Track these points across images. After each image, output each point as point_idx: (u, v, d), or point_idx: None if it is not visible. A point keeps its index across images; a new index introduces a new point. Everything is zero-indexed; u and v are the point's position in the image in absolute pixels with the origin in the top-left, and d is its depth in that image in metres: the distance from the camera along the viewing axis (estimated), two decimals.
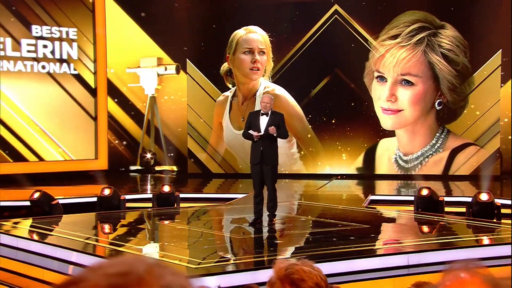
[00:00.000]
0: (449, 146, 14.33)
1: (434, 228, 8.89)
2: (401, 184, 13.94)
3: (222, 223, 9.73)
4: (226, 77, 15.36)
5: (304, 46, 15.09)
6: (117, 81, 16.49)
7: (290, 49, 15.14)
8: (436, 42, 14.00)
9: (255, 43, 14.94)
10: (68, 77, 15.43)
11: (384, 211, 10.43)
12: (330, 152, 15.07)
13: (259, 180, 8.59)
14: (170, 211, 10.44)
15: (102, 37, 15.90)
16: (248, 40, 14.96)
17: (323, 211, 10.47)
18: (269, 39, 14.98)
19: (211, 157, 15.63)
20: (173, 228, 9.10)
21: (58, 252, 7.36)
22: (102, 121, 15.88)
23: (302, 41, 15.09)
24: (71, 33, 15.42)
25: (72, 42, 15.45)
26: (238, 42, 14.93)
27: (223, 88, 15.43)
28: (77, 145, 15.49)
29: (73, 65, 15.48)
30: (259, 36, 14.99)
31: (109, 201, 10.44)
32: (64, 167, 15.19)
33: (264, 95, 8.72)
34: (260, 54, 14.92)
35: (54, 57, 15.23)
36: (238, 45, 14.94)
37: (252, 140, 8.57)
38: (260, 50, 14.93)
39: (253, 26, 15.05)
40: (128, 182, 15.03)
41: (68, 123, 15.35)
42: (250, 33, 14.99)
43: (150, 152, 16.50)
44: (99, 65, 15.79)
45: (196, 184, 14.71)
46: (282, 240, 8.17)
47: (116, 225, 9.50)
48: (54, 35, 15.20)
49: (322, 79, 15.06)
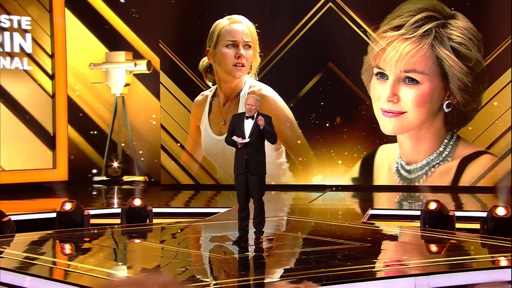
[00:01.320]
0: (459, 154, 14.24)
1: (444, 247, 8.89)
2: (405, 197, 13.92)
3: (200, 242, 9.71)
4: (205, 74, 15.27)
5: (295, 38, 15.07)
6: (79, 79, 16.38)
7: (279, 42, 15.11)
8: (445, 35, 14.01)
9: (240, 35, 14.84)
10: (20, 74, 15.29)
11: (386, 228, 10.41)
12: (323, 160, 15.04)
13: (244, 193, 8.55)
14: (141, 228, 10.38)
15: (61, 28, 15.79)
16: (232, 31, 14.86)
17: (316, 228, 10.45)
18: (256, 30, 14.90)
19: (183, 168, 15.54)
20: (145, 248, 9.04)
21: (9, 277, 7.25)
22: (61, 126, 15.76)
23: (292, 32, 15.07)
24: (24, 22, 15.28)
25: (25, 33, 15.32)
26: (220, 33, 14.84)
27: (202, 86, 15.36)
28: (31, 153, 15.35)
29: (27, 60, 15.35)
30: (245, 27, 14.88)
31: (71, 217, 10.37)
32: (17, 178, 15.05)
33: (249, 96, 8.72)
34: (245, 48, 14.83)
35: (3, 51, 15.09)
36: (220, 37, 14.84)
37: (236, 147, 8.53)
38: (246, 43, 14.83)
39: (238, 16, 14.96)
40: (92, 195, 14.94)
41: (20, 128, 15.20)
42: (234, 24, 14.88)
43: (118, 161, 16.41)
44: (57, 60, 15.67)
45: (171, 197, 14.64)
46: (270, 261, 8.13)
47: (79, 244, 9.41)
48: (3, 25, 15.05)
49: (314, 76, 15.04)
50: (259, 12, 15.17)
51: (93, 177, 16.49)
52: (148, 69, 16.11)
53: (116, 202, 14.14)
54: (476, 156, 14.25)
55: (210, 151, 15.28)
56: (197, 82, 15.39)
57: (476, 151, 14.23)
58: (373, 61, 14.43)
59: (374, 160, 14.76)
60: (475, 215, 10.67)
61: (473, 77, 14.06)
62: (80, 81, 16.41)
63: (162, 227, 10.73)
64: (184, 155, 15.58)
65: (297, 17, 15.07)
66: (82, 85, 16.41)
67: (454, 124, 14.28)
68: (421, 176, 14.40)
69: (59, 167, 15.76)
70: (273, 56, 15.13)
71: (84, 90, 16.46)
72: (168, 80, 15.55)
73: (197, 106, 15.35)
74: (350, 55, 14.78)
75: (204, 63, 15.22)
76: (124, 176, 16.41)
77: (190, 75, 15.40)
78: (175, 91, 15.50)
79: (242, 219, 8.62)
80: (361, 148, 14.87)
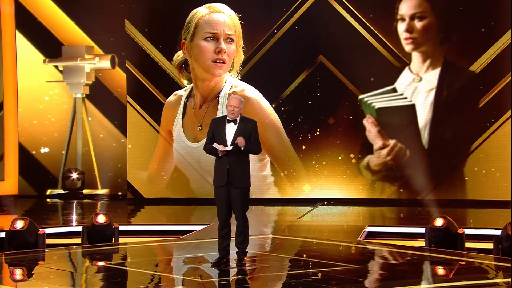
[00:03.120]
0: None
1: (452, 270, 8.92)
2: (407, 212, 14.01)
3: (172, 264, 9.69)
4: (180, 71, 15.24)
5: (282, 29, 15.17)
6: (31, 76, 16.35)
7: (264, 36, 15.19)
8: None
9: (221, 27, 14.80)
10: None
11: (385, 247, 10.44)
12: (313, 169, 15.12)
13: (225, 208, 8.56)
14: (106, 249, 10.33)
15: (10, 17, 15.76)
16: (212, 22, 14.82)
17: (305, 247, 10.47)
18: (240, 22, 14.88)
19: (153, 179, 15.55)
20: (109, 271, 9.02)
21: None
22: (10, 131, 15.72)
23: (278, 23, 15.17)
24: None
25: None
26: (198, 24, 14.80)
27: (174, 85, 15.38)
28: None
29: None
30: (227, 18, 14.83)
31: (23, 237, 10.31)
32: None
33: (232, 97, 8.69)
34: (227, 42, 14.79)
35: None
36: (198, 29, 14.80)
37: (217, 156, 8.54)
38: (228, 36, 14.78)
39: (219, 4, 14.95)
40: (47, 211, 14.86)
41: None
42: (215, 13, 14.84)
43: (77, 171, 16.37)
44: (5, 55, 15.64)
45: (139, 213, 14.60)
46: (253, 285, 8.15)
47: (32, 268, 9.38)
48: None
49: (302, 72, 15.15)
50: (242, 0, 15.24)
51: (48, 191, 16.43)
52: (112, 65, 16.11)
53: (75, 219, 14.09)
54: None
55: (183, 161, 15.28)
56: (171, 79, 15.39)
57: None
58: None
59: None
60: (487, 233, 10.73)
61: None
62: (33, 80, 16.36)
63: (129, 247, 10.69)
64: (154, 164, 15.57)
65: (285, 7, 15.17)
66: (36, 84, 16.37)
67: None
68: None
69: (7, 179, 15.71)
70: (256, 50, 15.20)
71: (38, 90, 16.41)
72: (134, 79, 15.55)
73: (169, 107, 15.31)
74: (344, 48, 14.93)
75: (179, 58, 15.14)
76: (85, 189, 16.37)
77: (159, 74, 15.39)
78: (144, 91, 15.49)
79: (223, 237, 8.62)
80: (359, 156, 15.00)
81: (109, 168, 16.37)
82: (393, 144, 14.53)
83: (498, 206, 14.17)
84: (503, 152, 14.52)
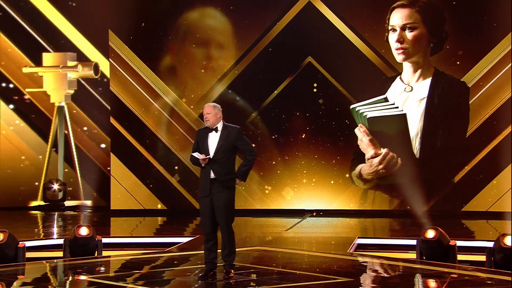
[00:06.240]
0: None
1: (444, 283, 8.94)
2: (398, 223, 14.04)
3: (157, 277, 9.68)
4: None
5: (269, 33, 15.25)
6: (13, 83, 16.35)
7: (253, 39, 15.27)
8: None
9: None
10: None
11: (376, 260, 10.46)
12: (300, 180, 15.18)
13: (209, 219, 8.56)
14: (89, 262, 10.31)
15: None
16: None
17: (293, 260, 10.47)
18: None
19: (137, 190, 15.57)
20: (92, 285, 9.01)
21: None
22: None
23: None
24: None
25: None
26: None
27: (160, 92, 15.41)
28: None
29: None
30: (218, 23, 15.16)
31: (2, 250, 10.26)
32: None
33: (206, 105, 8.71)
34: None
35: None
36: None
37: (200, 166, 8.56)
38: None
39: (210, 8, 15.15)
40: (27, 223, 14.81)
41: None
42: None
43: (58, 182, 16.33)
44: None
45: (122, 225, 14.59)
46: None
47: (11, 283, 9.36)
48: None
49: (287, 79, 15.25)
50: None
51: (28, 202, 16.39)
52: (95, 73, 16.09)
53: (56, 231, 14.06)
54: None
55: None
56: (155, 88, 15.44)
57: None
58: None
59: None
60: (480, 245, 10.76)
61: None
62: (14, 87, 16.35)
63: (112, 260, 10.68)
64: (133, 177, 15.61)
65: (274, 12, 15.27)
66: (17, 93, 16.36)
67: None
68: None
69: None
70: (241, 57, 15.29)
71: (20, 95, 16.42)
72: (119, 87, 15.54)
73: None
74: (335, 56, 15.04)
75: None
76: (66, 201, 16.33)
77: (144, 80, 15.43)
78: (130, 98, 15.49)
79: (209, 250, 8.62)
80: (346, 164, 15.08)
81: (91, 179, 16.34)
82: (384, 152, 14.62)
83: (491, 217, 14.26)
84: (495, 161, 14.64)
